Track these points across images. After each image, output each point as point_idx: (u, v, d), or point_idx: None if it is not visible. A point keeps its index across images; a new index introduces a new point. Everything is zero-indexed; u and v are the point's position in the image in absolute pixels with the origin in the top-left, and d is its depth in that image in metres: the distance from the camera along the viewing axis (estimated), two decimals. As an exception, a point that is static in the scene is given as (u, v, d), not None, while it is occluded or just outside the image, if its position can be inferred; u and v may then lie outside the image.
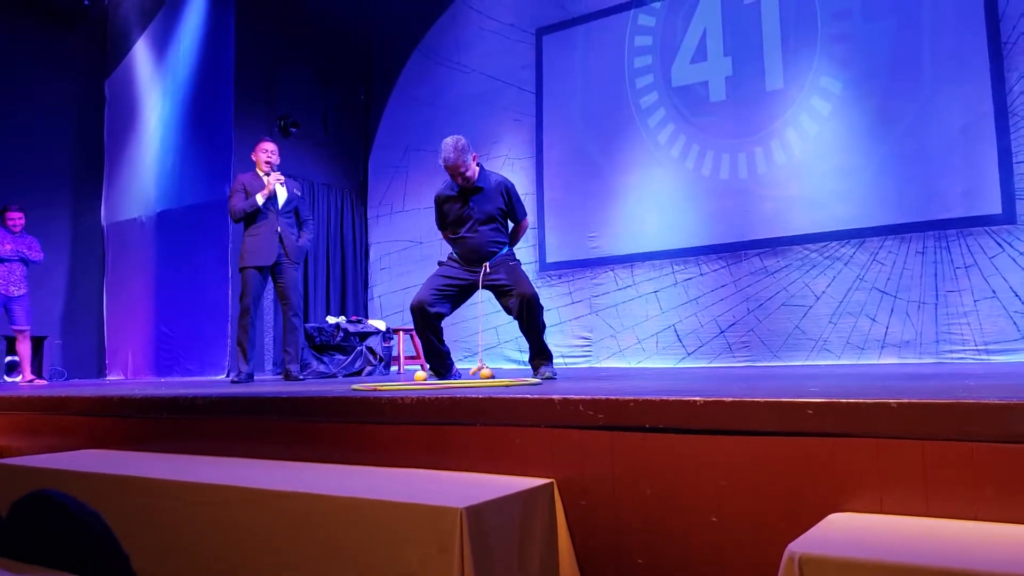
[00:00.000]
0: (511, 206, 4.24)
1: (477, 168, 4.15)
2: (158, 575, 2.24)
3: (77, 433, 3.36)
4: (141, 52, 8.76)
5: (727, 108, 6.62)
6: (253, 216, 5.19)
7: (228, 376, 7.32)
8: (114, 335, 8.74)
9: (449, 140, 4.05)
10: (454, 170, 4.07)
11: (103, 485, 2.45)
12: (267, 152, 5.31)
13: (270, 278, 5.28)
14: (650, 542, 1.95)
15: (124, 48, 8.93)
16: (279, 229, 5.20)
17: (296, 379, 5.19)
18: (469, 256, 4.18)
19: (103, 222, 8.94)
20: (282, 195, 5.28)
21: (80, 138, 8.82)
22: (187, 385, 4.92)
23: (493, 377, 4.00)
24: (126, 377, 8.47)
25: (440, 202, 4.29)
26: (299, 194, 5.48)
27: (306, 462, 2.59)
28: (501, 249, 4.19)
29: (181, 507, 2.25)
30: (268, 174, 5.25)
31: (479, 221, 4.14)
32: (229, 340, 7.44)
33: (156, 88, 8.57)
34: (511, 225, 4.33)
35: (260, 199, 5.14)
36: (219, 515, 2.16)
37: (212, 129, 7.92)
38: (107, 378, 8.64)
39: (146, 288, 8.39)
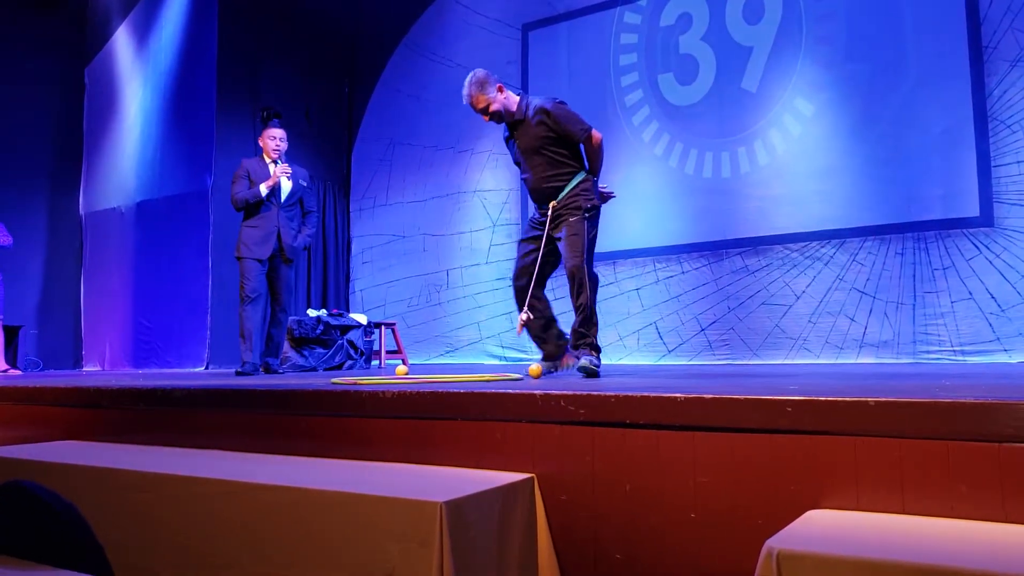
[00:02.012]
0: (559, 127, 3.65)
1: (510, 98, 3.76)
2: (134, 567, 2.22)
3: (52, 424, 3.33)
4: (122, 39, 8.65)
5: (711, 107, 6.65)
6: (255, 206, 5.00)
7: (207, 367, 7.26)
8: (91, 326, 8.65)
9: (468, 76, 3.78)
10: (474, 108, 3.78)
11: (78, 476, 2.43)
12: (275, 139, 5.10)
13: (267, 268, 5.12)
14: (629, 537, 1.96)
15: (105, 34, 8.81)
16: (278, 224, 5.02)
17: (274, 372, 5.10)
18: (536, 198, 3.81)
19: (81, 211, 8.83)
20: (286, 187, 5.09)
21: (58, 125, 8.70)
22: (165, 377, 4.87)
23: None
24: (103, 368, 8.38)
25: (508, 144, 3.92)
26: (305, 184, 5.26)
27: (286, 455, 2.58)
28: (566, 184, 3.66)
29: (158, 499, 2.24)
30: (275, 162, 5.05)
31: (528, 157, 3.75)
32: (208, 332, 7.39)
33: (137, 76, 8.47)
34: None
35: (264, 190, 4.95)
36: (196, 508, 2.15)
37: (193, 119, 7.84)
38: (84, 369, 8.55)
39: (124, 279, 8.30)
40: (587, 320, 3.54)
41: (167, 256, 7.91)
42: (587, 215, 3.61)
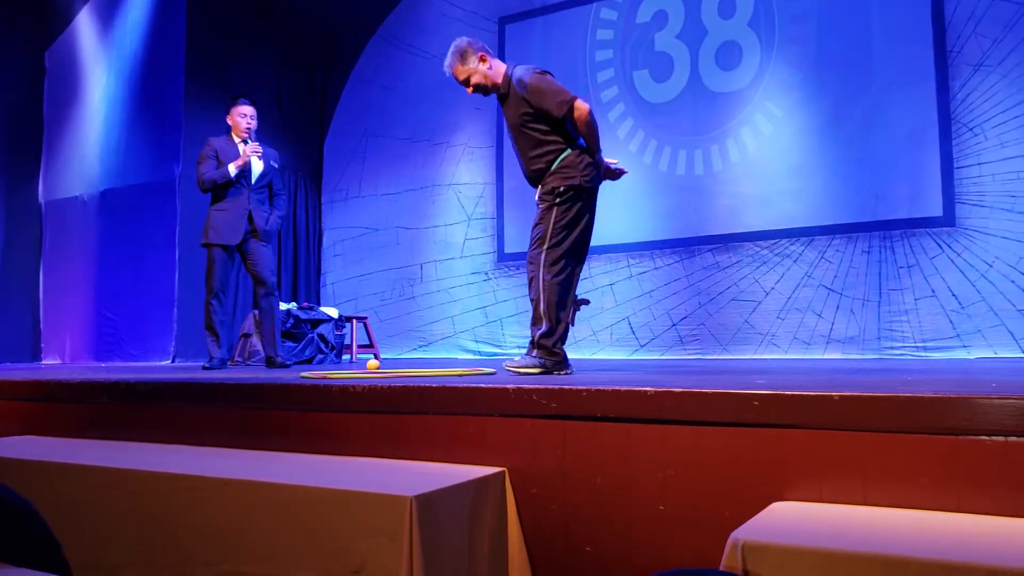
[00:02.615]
0: (536, 101, 3.27)
1: (495, 68, 3.43)
2: (93, 564, 2.18)
3: (8, 418, 3.25)
4: (85, 22, 8.44)
5: (685, 105, 6.70)
6: (223, 188, 4.73)
7: (173, 361, 7.17)
8: (51, 318, 8.46)
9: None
10: (456, 80, 3.48)
11: (34, 472, 2.38)
12: (245, 116, 4.84)
13: (238, 257, 4.89)
14: (598, 530, 1.98)
15: (67, 17, 8.59)
16: (249, 206, 4.77)
17: (282, 365, 4.83)
18: (530, 184, 3.44)
19: (41, 199, 8.61)
20: (257, 168, 4.83)
21: (16, 110, 8.40)
22: (129, 370, 4.79)
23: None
24: (63, 361, 8.22)
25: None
26: (276, 166, 5.03)
27: (253, 450, 2.56)
28: (550, 166, 3.29)
29: (118, 495, 2.20)
30: (245, 141, 4.80)
31: (514, 136, 3.41)
32: (175, 325, 7.28)
33: (101, 60, 8.27)
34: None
35: (233, 170, 4.69)
36: (159, 503, 2.12)
37: (160, 106, 7.69)
38: (43, 362, 8.38)
39: (87, 269, 8.13)
40: (539, 319, 3.20)
41: (132, 247, 7.76)
42: (558, 199, 3.24)
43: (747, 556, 1.40)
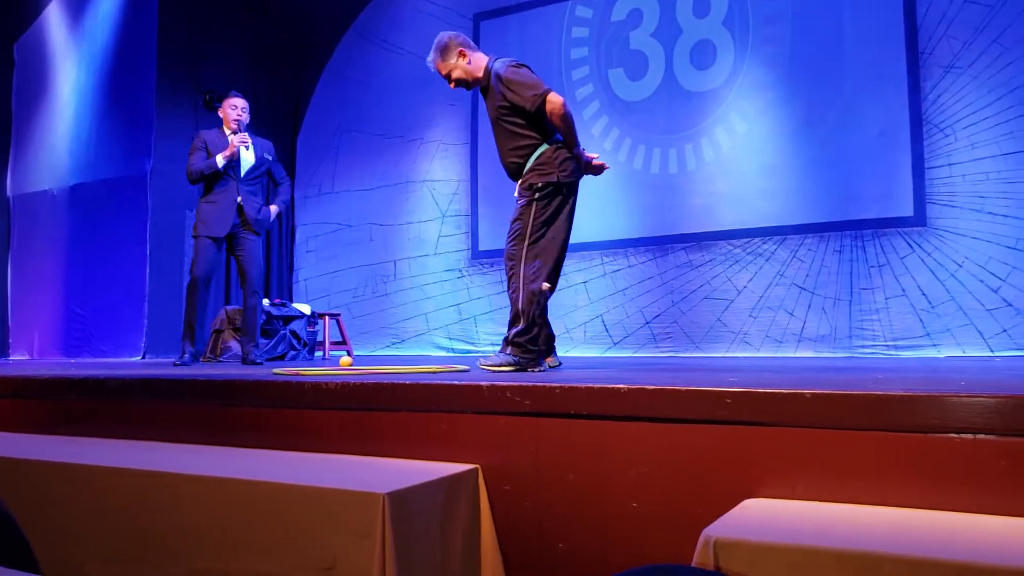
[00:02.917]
0: (510, 95, 3.23)
1: (475, 62, 3.41)
2: (61, 561, 2.15)
3: (-23, 414, 3.19)
4: (55, 14, 8.31)
5: (660, 103, 6.72)
6: (212, 180, 4.68)
7: (144, 357, 7.08)
8: (18, 313, 8.31)
9: None
10: (441, 75, 3.49)
11: (2, 469, 2.34)
12: (236, 108, 4.80)
13: (225, 249, 4.83)
14: (572, 527, 1.98)
15: (36, 9, 8.46)
16: (239, 198, 4.72)
17: (254, 363, 4.77)
18: (508, 175, 3.44)
19: (8, 192, 8.46)
20: (247, 160, 4.78)
21: (-17, 103, 8.31)
22: (98, 366, 4.72)
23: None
24: (31, 357, 8.09)
25: None
26: (270, 158, 4.98)
27: (225, 447, 2.53)
28: (526, 160, 3.27)
29: (87, 492, 2.17)
30: (235, 133, 4.75)
31: (493, 129, 3.39)
32: (146, 321, 7.19)
33: (71, 54, 8.15)
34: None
35: (221, 161, 4.63)
36: (129, 500, 2.09)
37: (132, 101, 7.58)
38: (10, 358, 8.23)
39: (56, 264, 8.00)
40: (517, 316, 3.20)
41: (102, 242, 7.65)
42: (537, 195, 3.22)
43: (719, 553, 1.41)
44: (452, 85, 3.51)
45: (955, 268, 5.46)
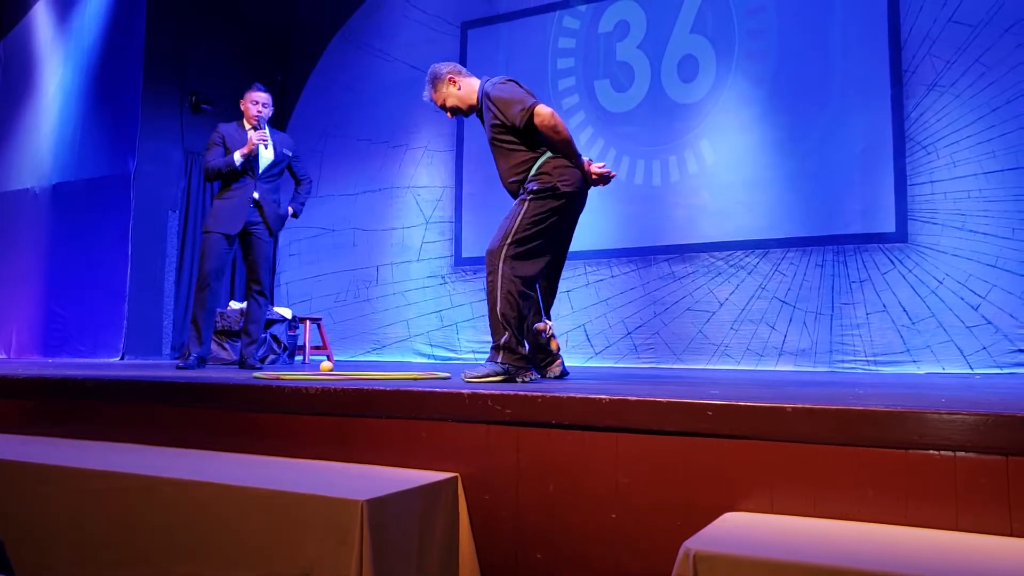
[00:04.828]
0: (500, 113, 3.16)
1: (466, 88, 3.36)
2: (36, 563, 2.12)
3: (-50, 413, 3.14)
4: (41, 13, 8.26)
5: (645, 115, 6.75)
6: (230, 177, 4.54)
7: (123, 358, 7.00)
8: (-3, 311, 8.22)
9: None
10: (437, 107, 3.44)
11: (-24, 469, 2.30)
12: (257, 103, 4.65)
13: (237, 247, 4.71)
14: (550, 537, 1.97)
15: (23, 8, 8.40)
16: (256, 195, 4.59)
17: (251, 367, 4.65)
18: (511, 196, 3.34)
19: (-11, 190, 8.39)
20: (265, 157, 4.66)
21: (-33, 100, 8.23)
22: (77, 367, 4.66)
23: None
24: (8, 356, 7.98)
25: None
26: (290, 154, 4.86)
27: (203, 450, 2.50)
28: (524, 178, 3.19)
29: (63, 494, 2.14)
30: (255, 128, 4.62)
31: (492, 152, 3.33)
32: (125, 322, 7.12)
33: (57, 53, 8.09)
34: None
35: (239, 158, 4.49)
36: (103, 503, 2.06)
37: (117, 100, 7.53)
38: (-13, 356, 8.13)
39: (36, 263, 7.91)
40: (496, 324, 3.06)
41: (84, 241, 7.58)
42: (531, 196, 3.11)
43: (698, 566, 1.40)
44: (449, 115, 3.44)
45: (936, 285, 5.51)
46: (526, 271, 3.07)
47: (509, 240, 3.05)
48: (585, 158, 3.40)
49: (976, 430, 1.57)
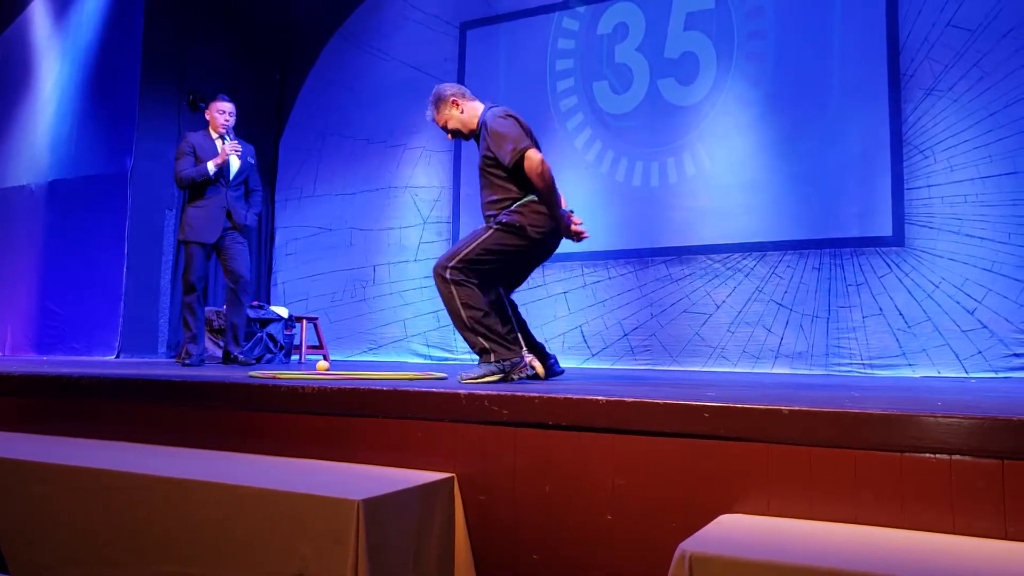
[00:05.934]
0: (493, 147, 3.15)
1: (468, 111, 3.35)
2: (30, 561, 2.11)
3: (-56, 410, 3.13)
4: (39, 10, 8.24)
5: (643, 117, 6.75)
6: (200, 186, 4.69)
7: (118, 356, 6.99)
8: (-8, 309, 8.19)
9: None
10: (439, 127, 3.46)
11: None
12: (224, 112, 4.83)
13: (214, 255, 4.86)
14: (546, 538, 1.97)
15: (20, 3, 8.38)
16: (227, 204, 4.75)
17: (238, 362, 4.80)
18: None
19: (-15, 187, 8.36)
20: (235, 165, 4.83)
21: (-37, 97, 8.20)
22: (72, 364, 4.66)
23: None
24: (3, 353, 7.96)
25: None
26: (252, 162, 5.01)
27: (198, 449, 2.50)
28: (498, 214, 3.19)
29: (57, 491, 2.13)
30: (223, 137, 4.79)
31: (479, 177, 3.33)
32: (121, 320, 7.11)
33: (55, 50, 8.07)
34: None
35: (212, 168, 4.66)
36: (98, 501, 2.06)
37: (114, 98, 7.52)
38: (-18, 354, 8.10)
39: (32, 260, 7.89)
40: (471, 339, 3.06)
41: (80, 239, 7.56)
42: (499, 226, 3.12)
43: (695, 568, 1.40)
44: (449, 136, 3.47)
45: (932, 289, 5.52)
46: (468, 288, 3.06)
47: (459, 257, 3.07)
48: (569, 209, 3.39)
49: (972, 434, 1.57)
